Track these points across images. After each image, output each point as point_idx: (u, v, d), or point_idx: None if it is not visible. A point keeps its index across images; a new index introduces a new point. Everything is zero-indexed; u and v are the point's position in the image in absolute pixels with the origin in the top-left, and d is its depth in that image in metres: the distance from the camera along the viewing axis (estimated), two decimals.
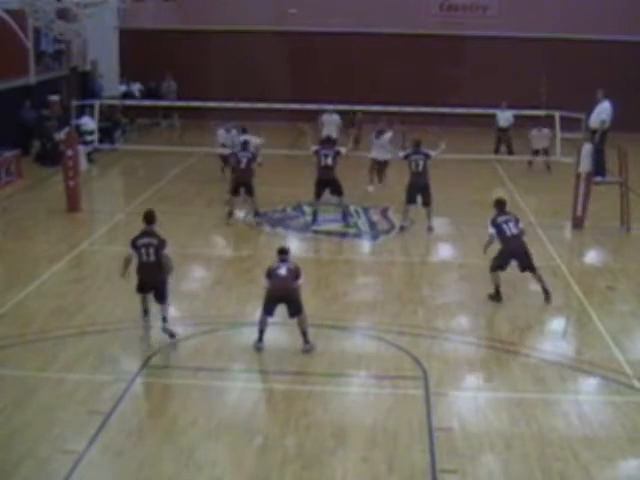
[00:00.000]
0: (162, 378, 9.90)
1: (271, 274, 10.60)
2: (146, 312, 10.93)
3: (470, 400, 9.50)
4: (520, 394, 9.63)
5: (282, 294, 10.50)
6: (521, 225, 12.58)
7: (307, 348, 10.52)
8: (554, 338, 11.57)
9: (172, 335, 10.79)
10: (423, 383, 9.77)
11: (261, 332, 10.54)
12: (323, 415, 9.05)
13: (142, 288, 10.86)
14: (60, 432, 8.48)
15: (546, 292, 12.36)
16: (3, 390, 9.36)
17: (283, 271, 10.57)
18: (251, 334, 10.72)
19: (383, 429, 8.72)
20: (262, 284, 10.76)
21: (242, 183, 16.51)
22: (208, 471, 7.91)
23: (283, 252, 10.85)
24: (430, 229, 16.16)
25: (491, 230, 12.46)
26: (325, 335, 11.04)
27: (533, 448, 8.40)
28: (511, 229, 12.34)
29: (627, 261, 14.89)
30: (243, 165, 16.56)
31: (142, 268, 10.77)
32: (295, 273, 10.61)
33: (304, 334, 10.55)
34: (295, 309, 10.52)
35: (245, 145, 17.52)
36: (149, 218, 11.04)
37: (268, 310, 10.54)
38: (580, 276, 13.74)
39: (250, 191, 16.56)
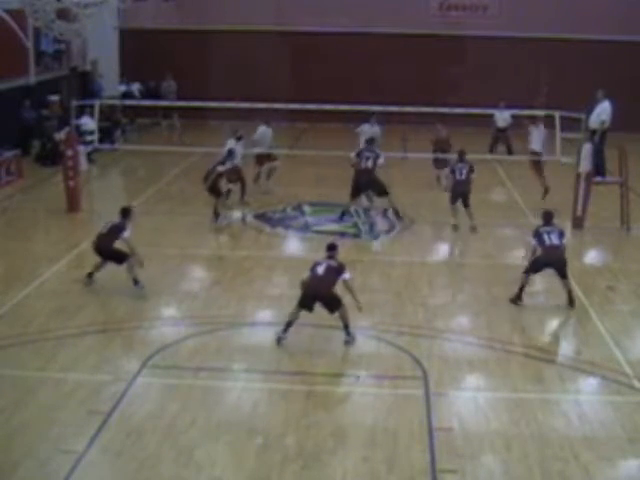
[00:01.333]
0: (162, 378, 9.89)
1: (312, 269, 10.73)
2: (90, 275, 12.63)
3: (470, 400, 9.49)
4: (520, 394, 9.63)
5: (314, 293, 10.59)
6: (564, 240, 12.45)
7: (347, 339, 10.72)
8: (554, 338, 11.58)
9: (136, 282, 12.28)
10: (423, 383, 9.77)
11: (288, 324, 10.59)
12: (323, 415, 9.05)
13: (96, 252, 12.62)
14: (60, 432, 8.48)
15: (571, 299, 12.25)
16: (3, 390, 9.36)
17: (321, 269, 10.66)
18: (251, 334, 10.74)
19: (383, 429, 8.71)
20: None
21: (208, 184, 16.41)
22: (208, 471, 7.90)
23: (331, 248, 10.98)
24: (473, 229, 16.10)
25: (533, 242, 12.38)
26: (325, 335, 11.04)
27: (533, 448, 8.39)
28: (552, 239, 12.23)
29: (627, 261, 14.90)
30: (210, 167, 16.54)
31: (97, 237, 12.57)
32: (337, 270, 10.68)
33: (344, 327, 10.69)
34: (332, 306, 10.65)
35: (230, 153, 17.19)
36: (124, 212, 12.67)
37: (303, 304, 10.62)
38: (580, 276, 13.72)
39: (215, 193, 16.43)
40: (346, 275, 10.73)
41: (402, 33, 28.03)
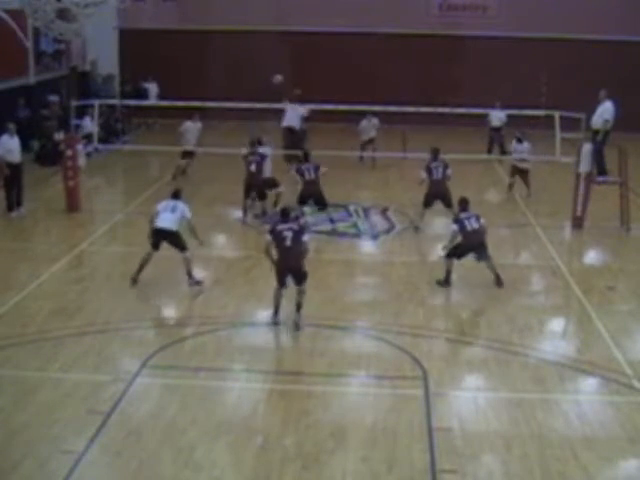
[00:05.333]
0: (162, 378, 9.89)
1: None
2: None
3: (470, 400, 9.49)
4: (520, 394, 9.62)
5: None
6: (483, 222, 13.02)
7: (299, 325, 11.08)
8: (554, 338, 11.57)
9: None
10: (423, 383, 9.76)
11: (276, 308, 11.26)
12: (323, 415, 9.04)
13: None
14: (60, 432, 8.47)
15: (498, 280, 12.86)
16: (3, 390, 9.36)
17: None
18: (251, 334, 10.73)
19: (383, 429, 8.71)
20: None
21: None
22: (208, 471, 7.90)
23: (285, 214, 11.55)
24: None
25: (454, 227, 12.94)
26: (325, 335, 11.04)
27: (533, 448, 8.39)
28: (472, 224, 12.84)
29: (627, 261, 14.89)
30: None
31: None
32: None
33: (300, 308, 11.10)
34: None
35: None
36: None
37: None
38: (580, 276, 13.73)
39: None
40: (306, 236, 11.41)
41: (402, 33, 28.03)
